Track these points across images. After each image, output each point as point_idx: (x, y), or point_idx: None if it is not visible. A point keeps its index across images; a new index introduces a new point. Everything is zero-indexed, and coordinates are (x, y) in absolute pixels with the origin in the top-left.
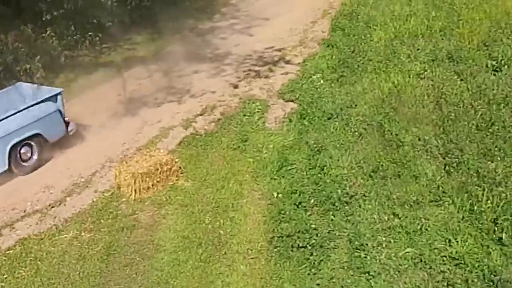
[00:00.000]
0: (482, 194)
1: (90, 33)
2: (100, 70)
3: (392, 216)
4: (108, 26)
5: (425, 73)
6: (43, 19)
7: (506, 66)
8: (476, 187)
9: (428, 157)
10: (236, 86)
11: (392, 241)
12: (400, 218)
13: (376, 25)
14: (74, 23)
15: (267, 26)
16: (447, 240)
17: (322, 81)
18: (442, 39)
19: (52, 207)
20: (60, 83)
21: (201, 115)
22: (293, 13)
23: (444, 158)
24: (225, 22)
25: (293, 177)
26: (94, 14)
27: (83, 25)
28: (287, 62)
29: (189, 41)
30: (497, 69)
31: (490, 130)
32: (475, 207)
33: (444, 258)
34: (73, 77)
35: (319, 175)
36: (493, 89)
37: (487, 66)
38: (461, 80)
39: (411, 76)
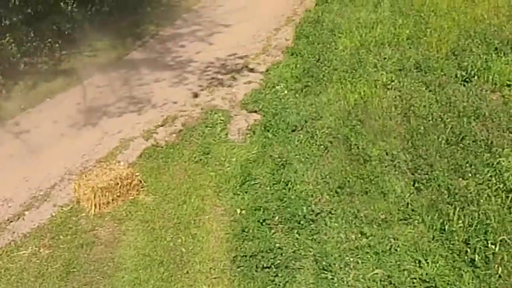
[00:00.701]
0: (453, 213)
1: (49, 40)
2: (60, 77)
3: (359, 235)
4: (68, 32)
5: (392, 83)
6: (2, 24)
7: (476, 77)
8: (447, 205)
9: (397, 172)
10: (198, 96)
11: (360, 261)
12: (368, 238)
13: (341, 33)
14: (34, 29)
15: (229, 33)
16: (417, 261)
17: (286, 91)
18: (410, 47)
19: (11, 221)
20: (19, 90)
21: (162, 126)
22: (256, 19)
23: (413, 174)
24: (187, 28)
25: (256, 193)
26: (54, 20)
27: (42, 31)
28: (250, 70)
29: (151, 48)
30: (467, 79)
31: (461, 144)
32: (446, 227)
33: (414, 280)
34: (32, 84)
35: (284, 190)
36: (463, 101)
37: (456, 76)
38: (430, 91)
39: (378, 86)
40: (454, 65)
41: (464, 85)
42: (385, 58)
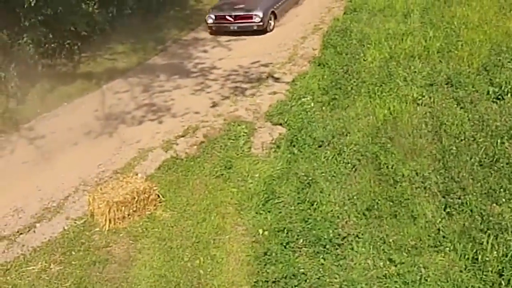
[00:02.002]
0: (487, 241)
1: (68, 41)
2: (78, 81)
3: (388, 263)
4: (87, 34)
5: (423, 99)
6: (21, 25)
7: (509, 94)
8: (480, 232)
9: (427, 195)
10: (220, 105)
11: None
12: (396, 265)
13: (370, 44)
14: (53, 30)
15: (254, 40)
16: None
17: (312, 104)
18: (440, 61)
19: (21, 233)
20: (35, 93)
21: (182, 136)
22: (281, 27)
23: (444, 197)
24: (210, 34)
25: (280, 212)
26: (74, 21)
27: (61, 32)
28: (276, 80)
29: (172, 53)
30: (499, 96)
31: (495, 167)
32: (479, 256)
33: None
34: (49, 88)
35: (309, 211)
36: (495, 120)
37: (488, 93)
38: (461, 108)
39: (408, 102)
40: (486, 81)
41: (496, 103)
42: (415, 72)
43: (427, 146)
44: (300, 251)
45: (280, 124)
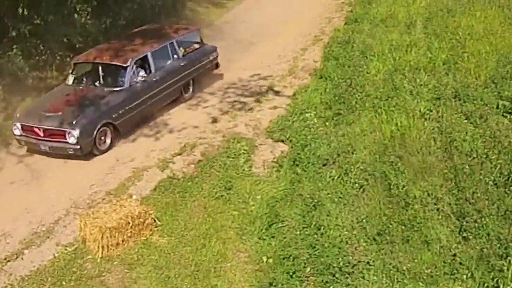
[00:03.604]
0: (507, 268)
1: (60, 53)
2: None
3: None
4: (80, 45)
5: (430, 113)
6: (9, 35)
7: None
8: (499, 258)
9: (441, 217)
10: (218, 121)
11: None
12: None
13: (373, 55)
14: (43, 41)
15: (253, 52)
16: None
17: (315, 119)
18: (446, 73)
19: (8, 261)
20: (25, 107)
21: (179, 154)
22: (281, 37)
23: (459, 220)
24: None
25: (285, 238)
26: (66, 32)
27: (53, 43)
28: (276, 93)
29: None
30: (510, 110)
31: (511, 187)
32: (500, 285)
33: None
34: None
35: (315, 236)
36: (507, 136)
37: (497, 107)
38: (471, 123)
39: (415, 117)
40: (494, 94)
41: (506, 117)
42: (421, 85)
43: (438, 165)
44: (307, 281)
45: (282, 141)
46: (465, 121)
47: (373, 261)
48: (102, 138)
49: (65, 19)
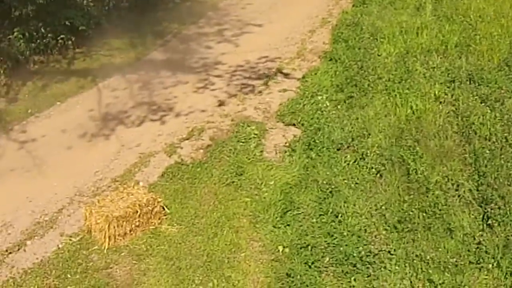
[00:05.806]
0: None
1: (62, 36)
2: (73, 78)
3: (427, 283)
4: (82, 28)
5: (445, 96)
6: (11, 16)
7: None
8: None
9: (462, 204)
10: (227, 104)
11: None
12: (437, 286)
13: (383, 38)
14: (45, 24)
15: (259, 34)
16: None
17: (327, 103)
18: (459, 56)
19: (10, 252)
20: (26, 92)
21: (187, 139)
22: (288, 20)
23: (481, 206)
24: (213, 27)
25: (301, 226)
26: (68, 15)
27: (55, 26)
28: (285, 76)
29: (173, 48)
30: None
31: None
32: None
33: None
34: (41, 86)
35: (333, 224)
36: None
37: None
38: (488, 106)
39: (430, 100)
40: (509, 77)
41: None
42: (433, 68)
43: (456, 149)
44: (326, 271)
45: (294, 125)
46: (481, 104)
47: (395, 250)
48: None
49: (67, 1)
